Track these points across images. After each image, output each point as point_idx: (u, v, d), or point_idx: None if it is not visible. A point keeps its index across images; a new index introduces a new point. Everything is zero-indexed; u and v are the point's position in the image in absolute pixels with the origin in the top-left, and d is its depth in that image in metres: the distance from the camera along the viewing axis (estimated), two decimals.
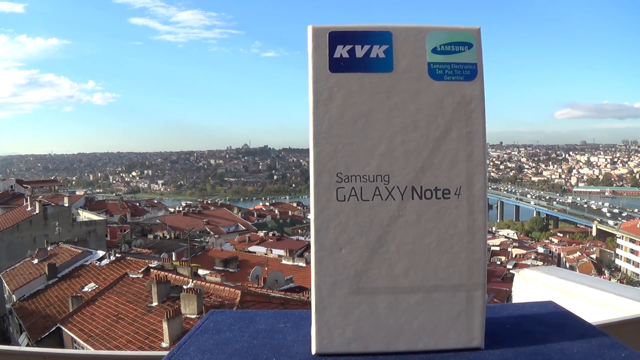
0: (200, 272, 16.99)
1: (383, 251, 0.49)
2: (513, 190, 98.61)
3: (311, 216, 0.50)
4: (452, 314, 0.50)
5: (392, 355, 0.50)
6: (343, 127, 0.49)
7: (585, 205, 77.78)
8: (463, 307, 0.50)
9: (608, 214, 71.12)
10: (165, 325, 11.23)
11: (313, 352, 0.51)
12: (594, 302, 1.49)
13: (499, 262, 38.55)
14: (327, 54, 0.49)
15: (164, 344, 10.78)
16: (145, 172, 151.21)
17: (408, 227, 0.49)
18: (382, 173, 0.49)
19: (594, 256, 44.25)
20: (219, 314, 0.67)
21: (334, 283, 0.50)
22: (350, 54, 0.49)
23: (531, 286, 1.80)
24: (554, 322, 0.59)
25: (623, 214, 69.83)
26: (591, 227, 64.27)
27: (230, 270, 19.86)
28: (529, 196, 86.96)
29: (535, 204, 76.11)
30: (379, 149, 0.49)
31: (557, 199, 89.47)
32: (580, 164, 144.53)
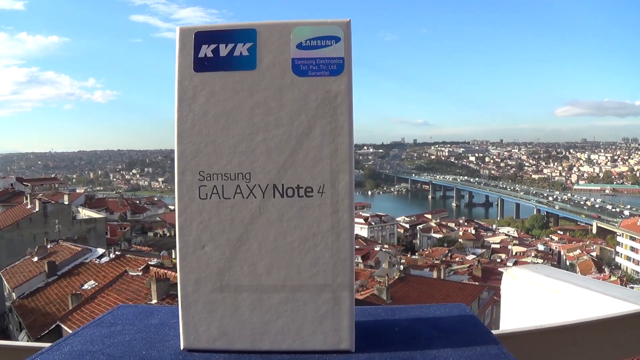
0: None
1: (245, 249, 0.49)
2: (534, 192, 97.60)
3: (175, 214, 0.50)
4: (317, 314, 0.49)
5: (256, 354, 0.50)
6: (205, 126, 0.49)
7: (583, 203, 77.63)
8: (329, 308, 0.49)
9: (609, 207, 70.94)
10: None
11: (181, 347, 0.51)
12: (581, 301, 1.48)
13: (499, 260, 38.54)
14: (192, 54, 0.49)
15: None
16: (146, 169, 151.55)
17: (270, 226, 0.49)
18: (243, 171, 0.49)
19: (594, 254, 44.20)
20: (124, 308, 0.69)
21: (198, 280, 0.50)
22: (214, 53, 0.49)
23: (519, 284, 1.79)
24: (450, 327, 0.58)
25: (616, 210, 69.61)
26: (591, 225, 64.18)
27: None
28: (551, 198, 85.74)
29: (569, 211, 73.68)
30: (240, 147, 0.49)
31: (556, 196, 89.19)
32: (581, 161, 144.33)
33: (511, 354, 0.51)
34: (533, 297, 1.67)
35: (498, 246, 46.96)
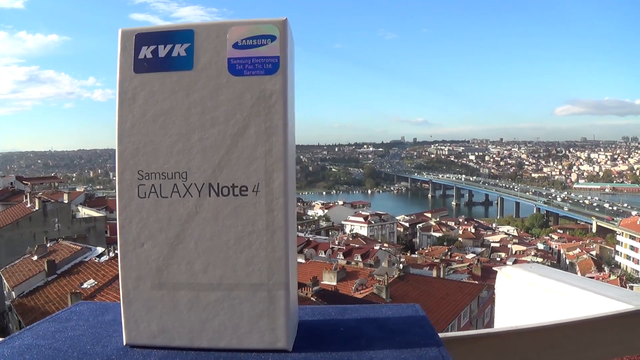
0: None
1: (182, 248, 0.50)
2: (532, 190, 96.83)
3: (117, 212, 0.50)
4: (253, 313, 0.49)
5: (195, 352, 0.50)
6: (144, 126, 0.50)
7: (586, 202, 77.42)
8: (265, 307, 0.49)
9: (607, 206, 70.77)
10: None
11: (124, 343, 0.52)
12: (575, 300, 1.48)
13: (498, 259, 38.49)
14: (133, 56, 0.50)
15: None
16: None
17: (206, 224, 0.49)
18: (180, 170, 0.49)
19: (594, 253, 44.14)
20: (83, 304, 0.70)
21: (138, 277, 0.51)
22: (153, 54, 0.50)
23: (513, 283, 1.79)
24: (396, 328, 0.58)
25: (613, 209, 69.41)
26: (591, 224, 64.08)
27: None
28: (559, 199, 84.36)
29: (579, 213, 71.69)
30: (177, 146, 0.49)
31: (555, 195, 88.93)
32: (581, 160, 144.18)
33: (452, 356, 0.51)
34: (527, 297, 1.67)
35: (498, 245, 46.94)
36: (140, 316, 0.51)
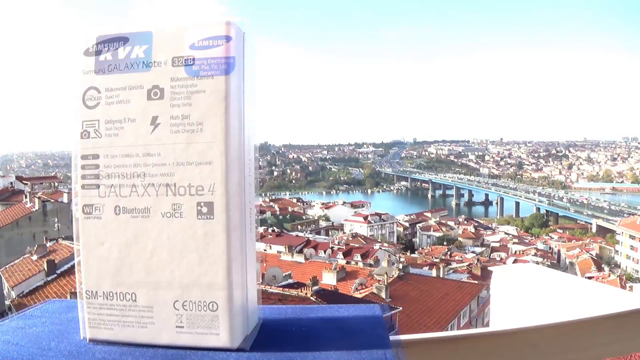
0: None
1: (140, 247, 0.50)
2: (533, 190, 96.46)
3: (77, 212, 0.51)
4: (210, 312, 0.50)
5: (153, 349, 0.51)
6: (104, 127, 0.51)
7: (585, 202, 77.46)
8: (222, 306, 0.50)
9: (606, 205, 70.78)
10: None
11: (87, 340, 0.53)
12: (568, 301, 1.48)
13: (498, 259, 38.50)
14: (94, 58, 0.51)
15: None
16: None
17: (163, 224, 0.50)
18: (139, 171, 0.50)
19: (593, 252, 44.15)
20: (54, 302, 0.70)
21: (99, 275, 0.52)
22: (113, 56, 0.51)
23: (509, 283, 1.79)
24: (356, 328, 0.58)
25: (613, 208, 69.35)
26: (591, 224, 64.09)
27: None
28: (565, 200, 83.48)
29: (588, 215, 70.98)
30: (136, 147, 0.50)
31: (556, 195, 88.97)
32: (581, 160, 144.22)
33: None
34: (522, 297, 1.68)
35: (497, 245, 46.96)
36: (101, 314, 0.52)
